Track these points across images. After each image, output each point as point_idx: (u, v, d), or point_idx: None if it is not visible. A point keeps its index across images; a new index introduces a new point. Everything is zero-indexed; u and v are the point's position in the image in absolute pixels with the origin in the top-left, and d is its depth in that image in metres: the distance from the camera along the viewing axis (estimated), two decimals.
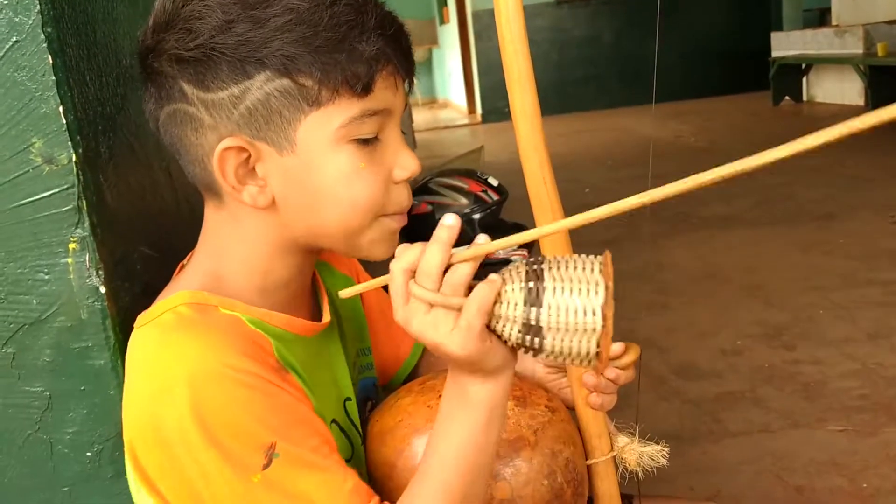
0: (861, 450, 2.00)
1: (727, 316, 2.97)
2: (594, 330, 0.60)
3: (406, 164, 0.75)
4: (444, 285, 0.62)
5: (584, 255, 0.63)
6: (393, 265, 0.64)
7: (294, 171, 0.71)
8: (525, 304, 0.61)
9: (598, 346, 0.61)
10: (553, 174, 0.78)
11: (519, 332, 0.62)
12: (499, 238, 0.62)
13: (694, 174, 0.53)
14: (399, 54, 0.73)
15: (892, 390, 2.28)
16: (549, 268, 0.62)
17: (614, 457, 0.87)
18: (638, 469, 0.86)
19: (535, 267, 0.62)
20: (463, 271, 0.62)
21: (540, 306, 0.60)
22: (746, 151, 0.51)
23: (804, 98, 8.68)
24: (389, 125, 0.74)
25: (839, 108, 7.87)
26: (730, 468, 1.99)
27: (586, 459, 0.86)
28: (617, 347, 0.85)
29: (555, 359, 0.63)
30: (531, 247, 2.21)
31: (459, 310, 0.62)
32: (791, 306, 2.99)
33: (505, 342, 0.64)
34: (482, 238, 0.63)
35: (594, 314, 0.60)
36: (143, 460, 0.69)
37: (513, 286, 0.62)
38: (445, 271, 0.62)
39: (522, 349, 0.63)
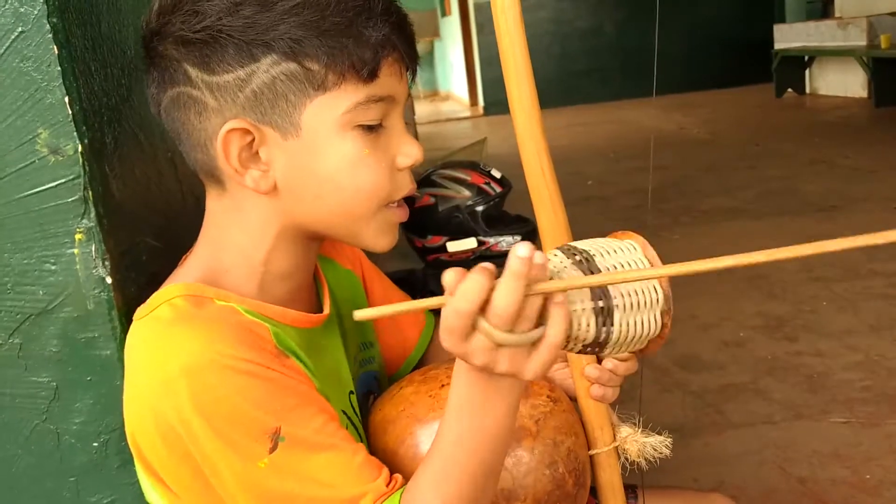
0: (864, 441, 2.00)
1: (729, 307, 2.97)
2: (653, 334, 0.62)
3: (409, 152, 0.75)
4: (520, 320, 0.55)
5: (628, 243, 0.63)
6: (456, 303, 0.54)
7: (298, 156, 0.71)
8: (597, 325, 0.58)
9: (646, 343, 0.62)
10: (552, 164, 0.78)
11: (584, 346, 0.60)
12: (501, 230, 0.62)
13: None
14: (404, 42, 0.73)
15: (895, 382, 2.28)
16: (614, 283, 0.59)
17: (617, 448, 0.88)
18: (640, 460, 0.87)
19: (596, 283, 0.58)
20: (537, 304, 0.55)
21: (612, 325, 0.59)
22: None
23: (807, 90, 8.67)
24: (393, 113, 0.75)
25: (842, 101, 7.85)
26: (733, 460, 2.00)
27: (588, 450, 0.87)
28: None
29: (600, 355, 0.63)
30: (534, 239, 2.21)
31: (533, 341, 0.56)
32: (793, 298, 2.99)
33: None
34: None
35: (656, 322, 0.61)
36: (147, 453, 0.70)
37: (583, 306, 0.58)
38: None
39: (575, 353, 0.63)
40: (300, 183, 0.72)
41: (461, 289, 0.54)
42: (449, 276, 0.54)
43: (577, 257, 0.60)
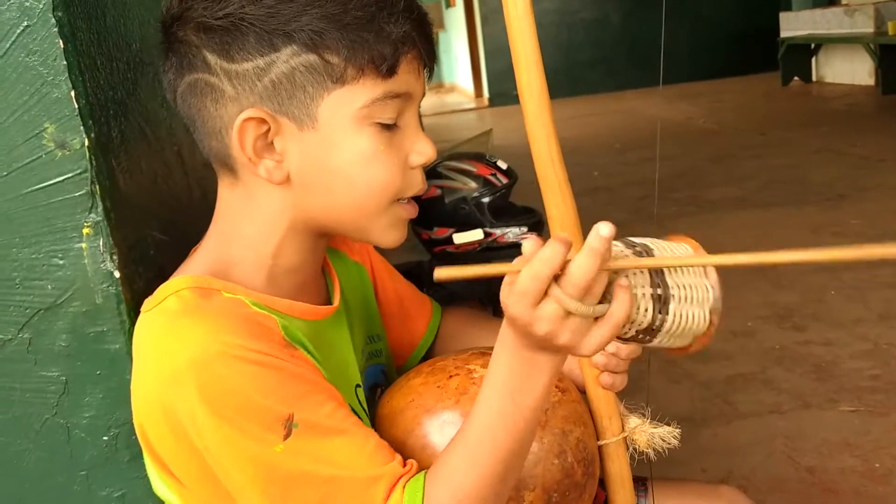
0: (873, 430, 2.00)
1: (737, 298, 2.96)
2: (700, 330, 0.64)
3: (423, 150, 0.76)
4: (588, 295, 0.58)
5: (683, 246, 0.65)
6: (536, 266, 0.57)
7: (312, 148, 0.71)
8: (654, 311, 0.62)
9: (691, 339, 0.64)
10: (561, 153, 0.78)
11: (637, 332, 0.63)
12: (507, 221, 0.63)
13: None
14: (423, 40, 0.73)
15: None
16: (670, 272, 0.63)
17: (625, 438, 0.88)
18: (649, 450, 0.86)
19: (656, 271, 0.62)
20: (604, 282, 0.59)
21: (667, 314, 0.62)
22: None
23: (813, 78, 8.62)
24: (409, 110, 0.75)
25: (849, 89, 7.81)
26: (741, 450, 1.99)
27: (597, 440, 0.87)
28: None
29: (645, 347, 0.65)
30: (541, 231, 2.20)
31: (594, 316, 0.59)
32: (801, 287, 2.98)
33: None
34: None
35: (704, 319, 0.63)
36: (155, 445, 0.70)
37: (643, 291, 0.61)
38: None
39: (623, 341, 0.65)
40: (313, 175, 0.73)
41: (541, 254, 0.57)
42: (528, 244, 0.58)
43: (637, 248, 0.63)
